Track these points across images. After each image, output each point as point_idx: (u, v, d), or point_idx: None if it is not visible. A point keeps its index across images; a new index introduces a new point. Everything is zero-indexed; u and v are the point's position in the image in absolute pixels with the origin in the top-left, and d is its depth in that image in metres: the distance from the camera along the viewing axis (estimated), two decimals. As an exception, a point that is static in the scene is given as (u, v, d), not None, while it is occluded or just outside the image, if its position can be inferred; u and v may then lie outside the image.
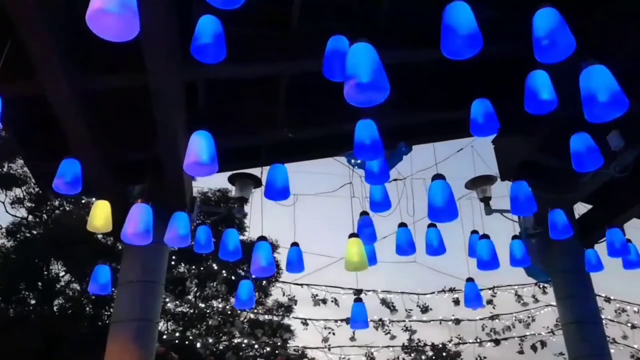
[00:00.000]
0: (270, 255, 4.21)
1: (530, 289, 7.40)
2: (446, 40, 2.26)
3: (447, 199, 3.29)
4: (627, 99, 2.36)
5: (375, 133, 3.00)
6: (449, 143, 5.42)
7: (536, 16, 2.37)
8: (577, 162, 3.16)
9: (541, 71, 2.79)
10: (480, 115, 3.10)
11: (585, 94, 2.42)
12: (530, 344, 7.41)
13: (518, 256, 4.50)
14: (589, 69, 2.43)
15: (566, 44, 2.30)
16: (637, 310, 7.16)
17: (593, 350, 4.89)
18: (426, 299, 8.09)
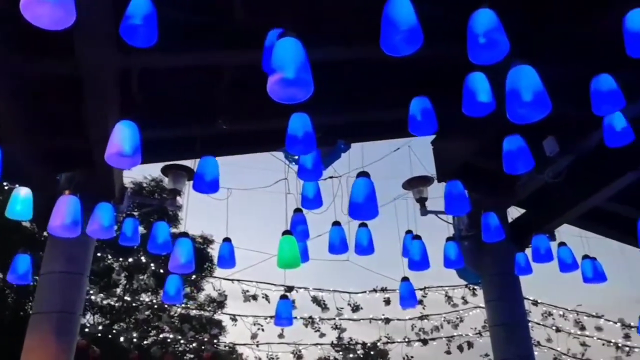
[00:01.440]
0: (190, 253, 4.14)
1: (460, 290, 7.53)
2: (386, 36, 2.22)
3: (368, 197, 3.26)
4: (550, 101, 2.38)
5: (308, 127, 2.96)
6: (389, 142, 5.36)
7: (473, 16, 2.36)
8: (507, 164, 3.17)
9: (479, 73, 2.77)
10: (419, 113, 3.08)
11: (510, 93, 2.43)
12: (457, 345, 7.54)
13: (452, 257, 4.52)
14: (515, 68, 2.45)
15: (501, 46, 2.30)
16: (562, 314, 7.42)
17: (518, 353, 4.97)
18: (358, 297, 8.09)
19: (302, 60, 2.19)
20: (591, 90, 2.88)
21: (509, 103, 2.43)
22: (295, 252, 3.95)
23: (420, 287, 7.71)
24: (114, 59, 3.32)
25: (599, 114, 2.91)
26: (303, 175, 3.59)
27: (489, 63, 2.39)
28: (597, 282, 4.78)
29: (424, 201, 5.20)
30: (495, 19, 2.32)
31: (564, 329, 7.28)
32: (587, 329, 7.23)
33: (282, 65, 2.17)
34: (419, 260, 4.36)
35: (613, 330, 7.21)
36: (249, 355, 10.28)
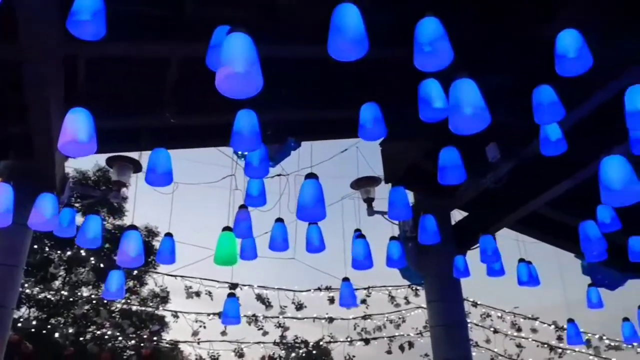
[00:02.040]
0: (140, 246, 3.99)
1: (403, 290, 7.66)
2: (333, 41, 2.24)
3: (316, 199, 3.27)
4: (490, 115, 2.46)
5: (255, 124, 2.94)
6: (338, 142, 5.40)
7: (419, 25, 2.41)
8: (441, 175, 3.25)
9: (433, 80, 2.82)
10: (369, 120, 3.12)
11: (452, 105, 2.50)
12: (398, 344, 7.67)
13: (395, 257, 4.57)
14: (458, 81, 2.51)
15: (444, 54, 2.35)
16: (500, 316, 7.68)
17: (457, 353, 5.10)
18: (302, 296, 8.10)
19: (251, 55, 2.16)
20: (533, 100, 2.99)
21: (450, 115, 2.51)
22: (233, 249, 3.92)
23: (365, 286, 7.82)
24: (59, 46, 3.21)
25: (540, 123, 3.03)
26: (249, 172, 3.57)
27: (433, 71, 2.45)
28: (531, 285, 4.97)
29: (371, 201, 5.26)
30: (440, 27, 2.38)
31: (502, 330, 7.55)
32: (523, 330, 7.54)
33: (231, 60, 2.14)
34: (363, 259, 4.39)
35: (547, 332, 7.55)
36: (191, 353, 10.10)
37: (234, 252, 3.91)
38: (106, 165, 4.68)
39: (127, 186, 4.82)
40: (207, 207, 9.11)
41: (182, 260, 7.45)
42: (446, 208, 5.51)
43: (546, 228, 6.05)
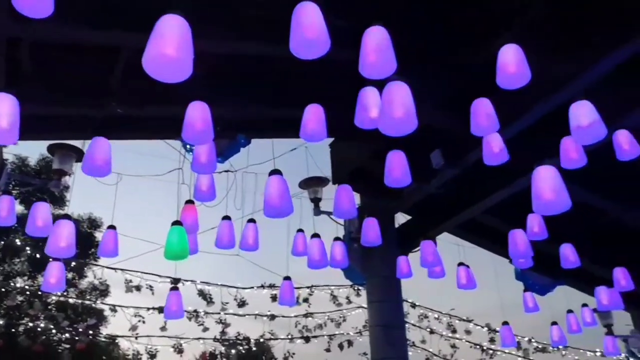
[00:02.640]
0: (72, 236, 3.85)
1: (345, 290, 7.77)
2: (294, 39, 2.24)
3: (283, 195, 3.27)
4: (416, 120, 2.51)
5: (207, 117, 2.90)
6: (288, 140, 5.41)
7: (367, 33, 2.45)
8: (388, 178, 3.32)
9: (372, 88, 2.85)
10: (312, 121, 3.10)
11: (384, 107, 2.55)
12: (338, 343, 7.77)
13: (338, 257, 4.62)
14: (390, 83, 2.55)
15: (388, 64, 2.40)
16: (437, 317, 7.91)
17: (394, 353, 5.23)
18: (245, 293, 8.08)
19: (183, 39, 2.12)
20: (471, 111, 3.11)
21: (381, 116, 2.56)
22: (184, 243, 3.84)
23: (308, 285, 7.89)
24: (3, 25, 3.09)
25: (476, 134, 3.15)
26: (197, 167, 3.51)
27: (377, 78, 2.51)
28: (469, 288, 5.15)
29: (319, 201, 5.32)
30: (386, 37, 2.42)
31: (438, 331, 7.80)
32: (457, 332, 7.80)
33: (162, 41, 2.10)
34: (318, 258, 4.43)
35: (480, 334, 7.86)
36: (129, 348, 9.87)
37: (185, 247, 3.81)
38: (47, 152, 4.51)
39: (69, 175, 4.66)
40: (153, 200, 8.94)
41: (125, 253, 7.27)
42: (391, 211, 5.64)
43: (484, 234, 6.30)
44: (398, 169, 3.30)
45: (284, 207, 3.28)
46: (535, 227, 4.23)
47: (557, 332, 6.08)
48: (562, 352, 8.28)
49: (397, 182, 3.30)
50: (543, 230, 4.22)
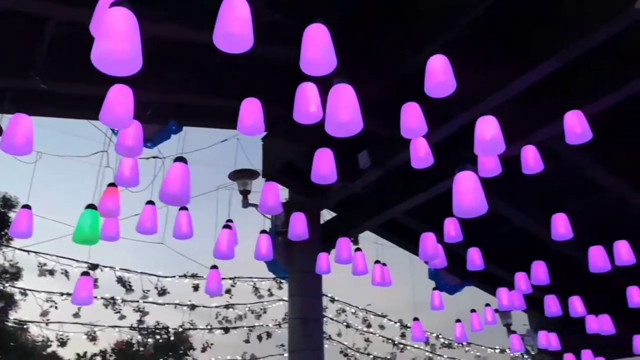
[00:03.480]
0: None
1: (268, 283, 7.84)
2: (217, 32, 2.22)
3: (182, 183, 3.24)
4: (362, 122, 2.61)
5: (130, 101, 2.81)
6: (221, 130, 5.40)
7: (307, 31, 2.50)
8: (315, 175, 3.36)
9: (311, 83, 2.90)
10: (250, 115, 3.13)
11: (330, 109, 2.63)
12: (257, 334, 7.83)
13: (263, 250, 4.65)
14: (337, 86, 2.63)
15: (329, 62, 2.46)
16: (354, 312, 8.16)
17: (310, 344, 5.35)
18: (166, 282, 7.93)
19: (132, 33, 2.08)
20: (401, 115, 3.27)
21: (327, 117, 2.63)
22: (95, 227, 3.72)
23: (231, 276, 7.87)
24: None
25: (406, 137, 3.31)
26: (121, 150, 3.38)
27: (316, 75, 2.57)
28: (384, 285, 5.36)
29: (247, 194, 5.35)
30: (327, 36, 2.48)
31: (353, 325, 8.06)
32: (372, 326, 8.11)
33: (110, 35, 2.06)
34: (225, 249, 4.41)
35: (393, 329, 8.20)
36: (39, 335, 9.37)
37: (96, 231, 3.72)
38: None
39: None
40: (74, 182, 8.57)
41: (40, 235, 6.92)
42: (317, 207, 5.77)
43: (402, 234, 6.59)
44: (325, 167, 3.35)
45: (181, 196, 3.25)
46: (452, 231, 4.49)
47: (460, 329, 6.47)
48: (466, 348, 8.81)
49: (323, 179, 3.36)
50: (459, 233, 4.48)
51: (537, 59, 3.63)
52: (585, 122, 3.41)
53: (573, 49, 3.47)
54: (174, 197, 3.26)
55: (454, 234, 4.45)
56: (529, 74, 3.69)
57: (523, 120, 3.37)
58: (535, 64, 3.63)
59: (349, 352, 7.96)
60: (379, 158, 4.77)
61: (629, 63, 3.72)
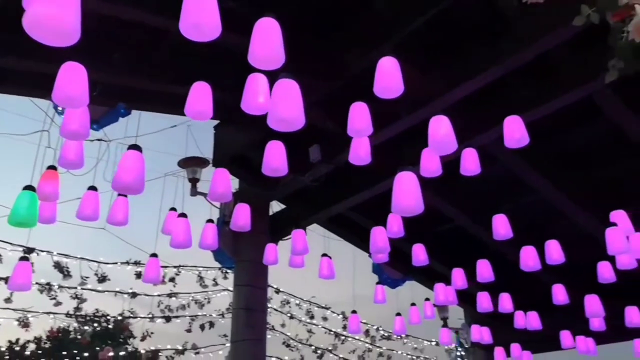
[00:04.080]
0: None
1: (213, 272, 7.81)
2: (184, 19, 2.22)
3: (136, 172, 3.20)
4: (304, 119, 2.64)
5: (84, 80, 2.74)
6: (172, 116, 5.36)
7: (258, 23, 2.50)
8: (266, 166, 3.39)
9: (261, 75, 2.93)
10: (198, 99, 3.10)
11: (274, 103, 2.66)
12: (199, 324, 7.78)
13: (208, 240, 4.65)
14: (281, 80, 2.65)
15: (278, 56, 2.47)
16: (298, 303, 8.26)
17: (253, 335, 5.39)
18: (107, 268, 7.73)
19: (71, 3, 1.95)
20: (349, 114, 3.37)
21: (270, 111, 2.64)
22: (33, 210, 3.59)
23: (175, 264, 7.80)
24: None
25: (352, 135, 3.42)
26: (66, 133, 3.26)
27: (265, 69, 2.60)
28: (329, 278, 5.48)
29: (196, 182, 5.33)
30: (277, 29, 2.49)
31: (297, 317, 8.16)
32: (315, 318, 8.24)
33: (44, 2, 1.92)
34: (182, 239, 4.39)
35: (335, 321, 8.37)
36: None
37: (33, 214, 3.60)
38: None
39: None
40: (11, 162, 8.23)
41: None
42: (266, 198, 5.81)
43: (349, 228, 6.74)
44: (276, 159, 3.37)
45: (135, 185, 3.18)
46: (395, 227, 4.64)
47: (400, 322, 6.70)
48: (404, 340, 9.12)
49: (274, 171, 3.38)
50: (401, 229, 4.65)
51: (481, 67, 3.82)
52: (523, 127, 3.62)
53: (513, 59, 3.68)
54: (128, 186, 3.19)
55: (397, 230, 4.60)
56: (472, 81, 3.88)
57: (465, 124, 3.53)
58: (478, 71, 3.82)
59: (291, 343, 8.06)
60: (329, 153, 4.87)
61: (565, 75, 3.98)
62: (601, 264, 5.44)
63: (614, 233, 4.60)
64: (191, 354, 7.88)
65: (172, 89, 4.69)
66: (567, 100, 4.03)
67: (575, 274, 6.33)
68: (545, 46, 3.60)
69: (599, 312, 6.19)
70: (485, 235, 5.25)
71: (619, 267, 5.15)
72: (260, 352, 5.43)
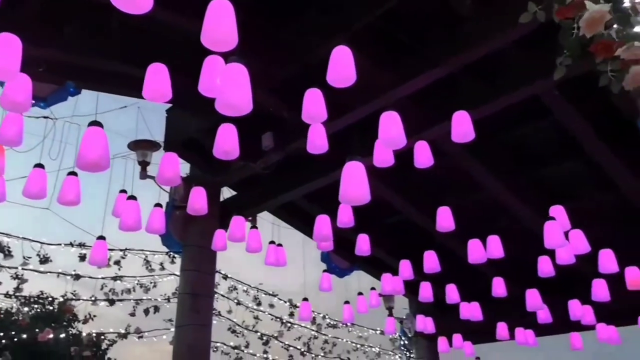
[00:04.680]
0: None
1: (161, 256, 7.68)
2: None
3: (102, 150, 3.15)
4: (251, 103, 2.63)
5: (17, 52, 2.67)
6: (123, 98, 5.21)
7: (211, 4, 2.48)
8: (217, 149, 3.36)
9: (218, 57, 2.90)
10: (156, 80, 3.07)
11: (222, 85, 2.65)
12: (144, 308, 7.66)
13: (155, 224, 4.58)
14: (230, 65, 2.64)
15: (230, 38, 2.46)
16: (245, 290, 8.25)
17: (199, 321, 5.36)
18: (51, 249, 7.48)
19: None
20: (304, 100, 3.39)
21: (218, 95, 2.62)
22: None
23: (122, 248, 7.63)
24: None
25: (306, 121, 3.43)
26: (6, 105, 3.14)
27: (218, 51, 2.58)
28: (278, 265, 5.51)
29: (146, 165, 5.22)
30: (231, 11, 2.46)
31: (244, 303, 8.15)
32: (262, 305, 8.27)
33: None
34: (131, 221, 4.32)
35: (282, 308, 8.42)
36: None
37: None
38: None
39: None
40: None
41: None
42: (217, 184, 5.77)
43: (299, 217, 6.77)
44: (228, 142, 3.35)
45: (100, 162, 3.14)
46: (345, 217, 4.70)
47: (348, 310, 6.82)
48: (349, 328, 9.28)
49: (225, 154, 3.36)
50: (351, 219, 4.71)
51: (432, 62, 3.91)
52: (470, 122, 3.72)
53: (464, 56, 3.79)
54: (93, 163, 3.12)
55: (347, 220, 4.66)
56: (423, 75, 3.96)
57: (417, 117, 3.61)
58: (430, 67, 3.91)
59: (237, 329, 8.06)
60: (282, 141, 4.87)
61: (515, 73, 4.12)
62: (541, 258, 5.69)
63: (552, 227, 4.81)
64: (134, 338, 7.75)
65: (124, 69, 4.57)
66: (515, 98, 4.17)
67: (518, 268, 6.61)
68: (495, 45, 3.71)
69: (539, 305, 6.46)
70: (432, 227, 5.39)
71: (558, 262, 5.40)
72: (205, 337, 5.41)
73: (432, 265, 5.82)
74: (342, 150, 3.43)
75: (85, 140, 3.17)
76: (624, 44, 1.61)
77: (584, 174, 5.63)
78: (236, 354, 8.10)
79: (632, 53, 1.59)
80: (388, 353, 9.75)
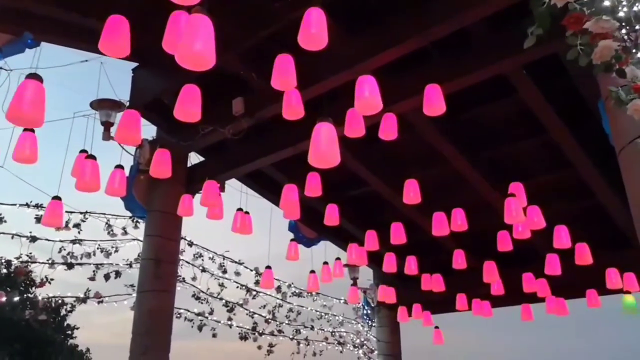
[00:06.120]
0: None
1: (123, 221, 7.53)
2: None
3: (36, 104, 3.04)
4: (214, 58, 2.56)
5: None
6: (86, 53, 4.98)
7: None
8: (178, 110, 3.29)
9: (184, 12, 2.82)
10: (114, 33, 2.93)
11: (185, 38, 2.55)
12: (104, 273, 7.53)
13: (115, 185, 4.48)
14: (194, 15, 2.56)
15: None
16: (211, 257, 8.19)
17: (161, 287, 5.31)
18: (5, 209, 7.21)
19: None
20: (274, 66, 3.31)
21: (180, 48, 2.54)
22: None
23: (82, 210, 7.43)
24: None
25: (276, 87, 3.36)
26: None
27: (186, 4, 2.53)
28: (245, 233, 5.47)
29: (110, 126, 5.05)
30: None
31: (209, 270, 8.11)
32: (228, 273, 8.23)
33: None
34: (89, 182, 4.21)
35: (248, 276, 8.42)
36: None
37: None
38: None
39: None
40: None
41: None
42: (184, 149, 5.65)
43: (266, 185, 6.73)
44: (190, 103, 3.26)
45: (33, 118, 3.03)
46: (312, 186, 4.70)
47: (313, 280, 6.87)
48: (314, 297, 9.38)
49: (187, 115, 3.27)
50: (319, 189, 4.70)
51: (403, 35, 3.87)
52: (441, 96, 3.73)
53: (434, 31, 3.76)
54: (24, 117, 3.00)
55: (315, 189, 4.66)
56: (395, 48, 3.92)
57: (387, 90, 3.57)
58: (402, 39, 3.87)
59: (201, 296, 8.04)
60: (252, 107, 4.78)
61: (484, 50, 4.11)
62: (501, 233, 5.86)
63: (512, 203, 4.94)
64: (94, 303, 7.63)
65: (85, 22, 4.38)
66: (482, 75, 4.18)
67: (477, 241, 6.76)
68: (466, 20, 3.69)
69: (495, 277, 6.68)
70: (398, 200, 5.43)
71: (515, 237, 5.60)
72: (167, 304, 5.38)
73: (399, 237, 5.90)
74: (311, 120, 3.38)
75: (19, 92, 3.04)
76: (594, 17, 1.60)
77: (542, 152, 5.74)
78: (200, 320, 8.07)
79: (600, 26, 1.59)
80: (351, 322, 9.90)
